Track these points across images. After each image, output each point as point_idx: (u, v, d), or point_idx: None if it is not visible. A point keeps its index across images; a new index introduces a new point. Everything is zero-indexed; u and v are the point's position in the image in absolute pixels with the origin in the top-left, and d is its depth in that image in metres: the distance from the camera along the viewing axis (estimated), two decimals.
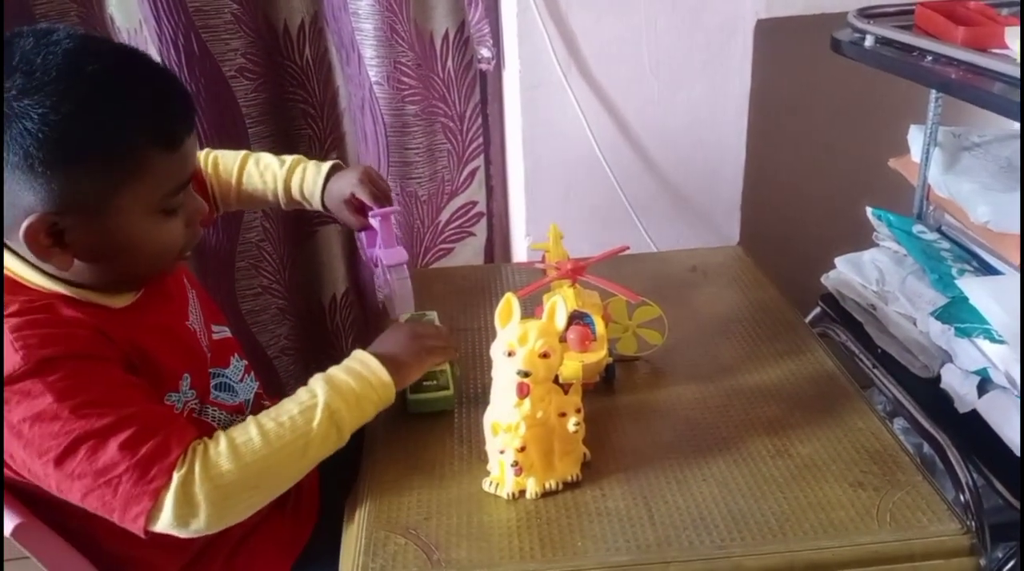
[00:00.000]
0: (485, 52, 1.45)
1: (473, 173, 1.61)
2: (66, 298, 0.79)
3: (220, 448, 0.76)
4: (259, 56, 1.45)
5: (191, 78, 1.38)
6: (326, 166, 1.09)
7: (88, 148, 0.74)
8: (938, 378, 1.20)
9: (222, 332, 1.00)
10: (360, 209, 1.05)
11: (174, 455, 0.73)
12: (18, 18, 1.37)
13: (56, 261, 0.77)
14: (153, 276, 0.87)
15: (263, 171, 1.10)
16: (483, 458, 0.84)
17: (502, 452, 0.79)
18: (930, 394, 1.19)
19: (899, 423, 1.31)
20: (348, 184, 1.05)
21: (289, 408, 0.80)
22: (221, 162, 1.12)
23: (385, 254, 1.03)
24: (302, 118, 1.53)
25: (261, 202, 1.13)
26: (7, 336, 0.73)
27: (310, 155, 1.55)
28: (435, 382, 0.93)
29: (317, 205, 1.09)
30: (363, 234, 1.12)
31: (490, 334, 0.80)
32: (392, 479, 0.85)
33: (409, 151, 1.53)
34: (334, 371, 0.84)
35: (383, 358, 0.85)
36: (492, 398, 0.80)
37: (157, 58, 1.37)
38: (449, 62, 1.49)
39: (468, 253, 1.67)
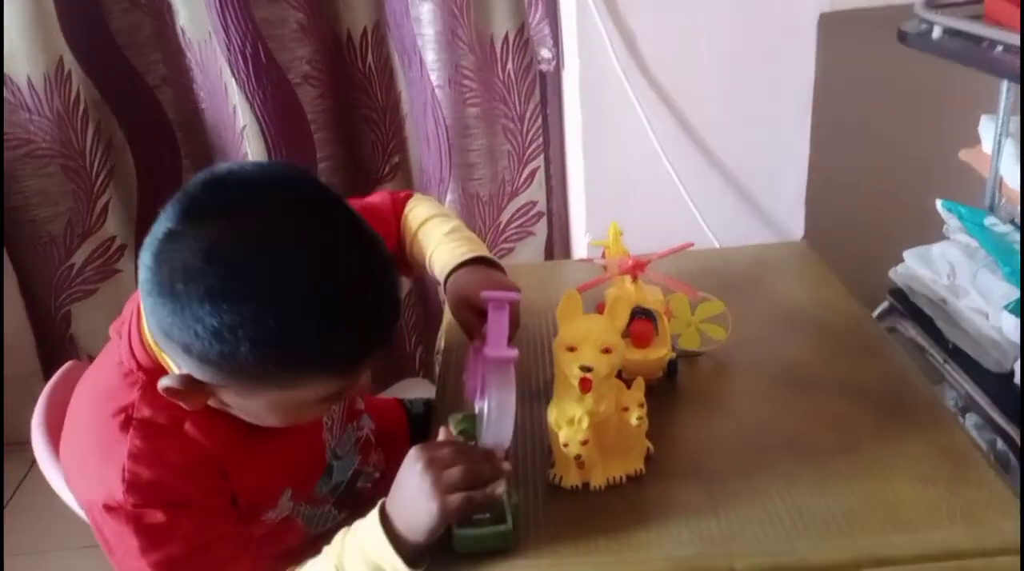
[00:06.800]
0: (545, 53, 1.47)
1: (533, 173, 1.62)
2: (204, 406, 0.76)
3: None
4: (323, 64, 1.49)
5: (258, 86, 1.42)
6: (465, 254, 0.95)
7: (260, 359, 0.67)
8: (1011, 373, 1.17)
9: (363, 428, 1.00)
10: (481, 314, 0.86)
11: None
12: (92, 26, 1.42)
13: (188, 402, 0.74)
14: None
15: (429, 233, 1.00)
16: (547, 450, 0.85)
17: (565, 445, 0.80)
18: (1004, 390, 1.16)
19: (972, 419, 1.28)
20: (473, 281, 0.92)
21: None
22: (412, 215, 1.03)
23: (490, 348, 0.80)
24: (365, 123, 1.57)
25: (423, 267, 1.01)
26: (122, 458, 0.73)
27: (373, 159, 1.60)
28: (487, 515, 0.75)
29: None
30: (470, 364, 0.88)
31: (552, 330, 0.81)
32: None
33: (470, 153, 1.55)
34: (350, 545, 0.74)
35: (394, 529, 0.72)
36: (555, 393, 0.81)
37: (226, 68, 1.42)
38: (509, 64, 1.51)
39: (529, 252, 1.69)
